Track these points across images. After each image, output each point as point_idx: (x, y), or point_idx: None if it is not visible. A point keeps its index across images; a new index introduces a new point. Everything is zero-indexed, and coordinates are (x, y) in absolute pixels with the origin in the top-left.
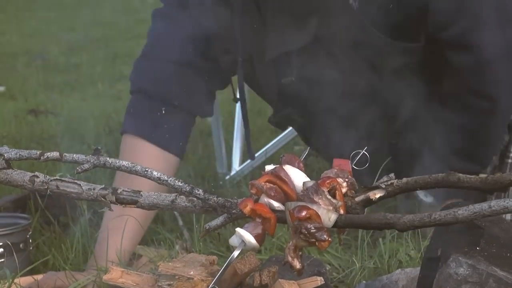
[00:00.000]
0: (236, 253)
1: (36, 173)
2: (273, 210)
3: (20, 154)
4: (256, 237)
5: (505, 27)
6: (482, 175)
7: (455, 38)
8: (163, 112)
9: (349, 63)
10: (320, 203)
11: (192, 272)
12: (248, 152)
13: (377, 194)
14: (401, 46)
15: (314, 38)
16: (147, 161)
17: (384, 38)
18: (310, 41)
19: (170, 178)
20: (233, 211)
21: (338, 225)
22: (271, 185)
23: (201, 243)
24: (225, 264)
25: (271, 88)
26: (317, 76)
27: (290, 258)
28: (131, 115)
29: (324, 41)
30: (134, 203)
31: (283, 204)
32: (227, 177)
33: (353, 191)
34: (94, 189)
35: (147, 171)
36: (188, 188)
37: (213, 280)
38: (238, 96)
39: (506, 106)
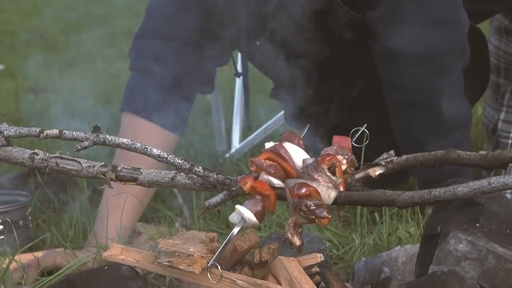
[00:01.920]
0: (236, 230)
1: (36, 150)
2: (272, 187)
3: (19, 131)
4: (256, 214)
5: (425, 26)
6: (482, 152)
7: (373, 24)
8: (163, 90)
9: (312, 30)
10: (320, 180)
11: (192, 249)
12: (246, 123)
13: (376, 171)
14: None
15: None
16: (146, 139)
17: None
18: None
19: (170, 156)
20: (233, 188)
21: (338, 202)
22: (271, 162)
23: (201, 220)
24: (225, 241)
25: (267, 60)
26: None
27: (290, 235)
28: (130, 92)
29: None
30: (134, 180)
31: (283, 181)
32: (227, 155)
33: (353, 168)
34: (93, 166)
35: (146, 148)
36: (188, 166)
37: (213, 257)
38: (240, 70)
39: (424, 100)
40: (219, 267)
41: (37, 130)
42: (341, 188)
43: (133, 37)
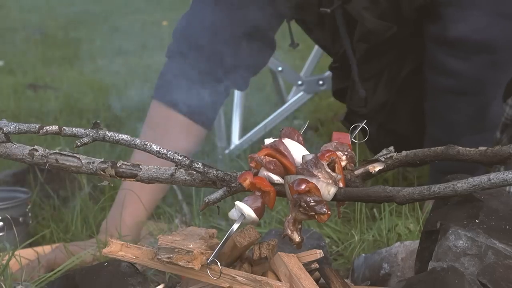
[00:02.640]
0: (235, 226)
1: (35, 146)
2: (272, 183)
3: (19, 128)
4: (255, 210)
5: (492, 16)
6: (482, 148)
7: (441, 4)
8: (199, 83)
9: (385, 8)
10: (320, 176)
11: (191, 245)
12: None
13: (376, 167)
14: None
15: None
16: (177, 132)
17: None
18: None
19: (170, 152)
20: (232, 185)
21: (338, 198)
22: (271, 158)
23: (200, 217)
24: (225, 237)
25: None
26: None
27: (289, 231)
28: (165, 82)
29: None
30: (133, 176)
31: (283, 177)
32: (227, 151)
33: (352, 164)
34: (93, 162)
35: (146, 144)
36: (187, 162)
37: (212, 253)
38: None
39: (472, 89)
40: (218, 264)
41: (37, 126)
42: (341, 184)
43: (177, 23)
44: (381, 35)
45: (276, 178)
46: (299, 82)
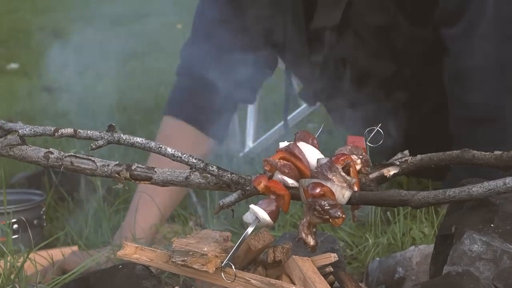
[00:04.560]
0: (250, 229)
1: (51, 149)
2: (287, 187)
3: (34, 130)
4: (270, 213)
5: (501, 42)
6: (497, 152)
7: (449, 40)
8: (208, 98)
9: (376, 46)
10: (334, 180)
11: (206, 248)
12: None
13: (391, 171)
14: (422, 33)
15: (346, 20)
16: (186, 143)
17: (408, 23)
18: (342, 22)
19: (184, 155)
20: (247, 188)
21: (352, 202)
22: (285, 162)
23: (214, 220)
24: (239, 241)
25: (302, 64)
26: (345, 57)
27: (304, 235)
28: (175, 98)
29: (354, 23)
30: (148, 179)
31: (297, 181)
32: (241, 154)
33: (367, 168)
34: (108, 165)
35: (161, 147)
36: (202, 165)
37: (227, 256)
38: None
39: (490, 116)
40: (233, 267)
41: (52, 129)
42: (356, 188)
43: (184, 44)
44: (379, 75)
45: (290, 181)
46: None
